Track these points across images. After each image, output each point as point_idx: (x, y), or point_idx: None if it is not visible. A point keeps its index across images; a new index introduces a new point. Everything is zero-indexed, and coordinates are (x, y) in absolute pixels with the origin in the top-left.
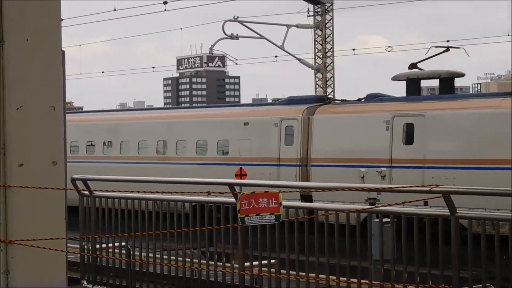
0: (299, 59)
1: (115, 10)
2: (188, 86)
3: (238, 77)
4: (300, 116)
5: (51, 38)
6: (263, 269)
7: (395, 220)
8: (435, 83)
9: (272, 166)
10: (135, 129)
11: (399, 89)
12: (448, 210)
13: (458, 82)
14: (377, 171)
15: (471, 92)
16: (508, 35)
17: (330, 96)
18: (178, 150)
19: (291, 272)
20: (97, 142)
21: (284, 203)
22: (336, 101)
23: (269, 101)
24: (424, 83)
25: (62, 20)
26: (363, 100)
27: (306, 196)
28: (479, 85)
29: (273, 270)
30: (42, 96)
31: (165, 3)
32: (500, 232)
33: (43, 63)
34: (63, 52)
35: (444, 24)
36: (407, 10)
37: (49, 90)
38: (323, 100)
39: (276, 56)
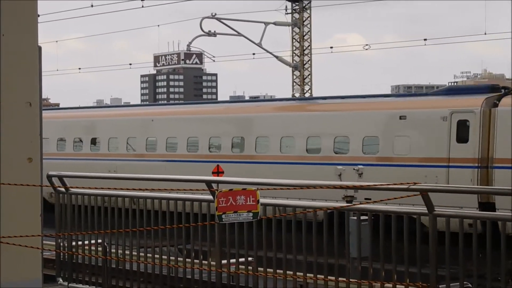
0: (276, 57)
1: (92, 6)
2: (165, 83)
3: (216, 74)
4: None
5: (28, 34)
6: (240, 266)
7: (372, 218)
8: None
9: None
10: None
11: (380, 88)
12: (426, 208)
13: (434, 80)
14: (354, 169)
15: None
16: (485, 34)
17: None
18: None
19: (268, 270)
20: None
21: (262, 200)
22: None
23: (247, 98)
24: None
25: (38, 16)
26: None
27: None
28: (455, 83)
29: (250, 268)
30: (18, 92)
31: None
32: (478, 230)
33: (19, 58)
34: (40, 48)
35: (421, 23)
36: (384, 9)
37: (25, 86)
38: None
39: (253, 54)
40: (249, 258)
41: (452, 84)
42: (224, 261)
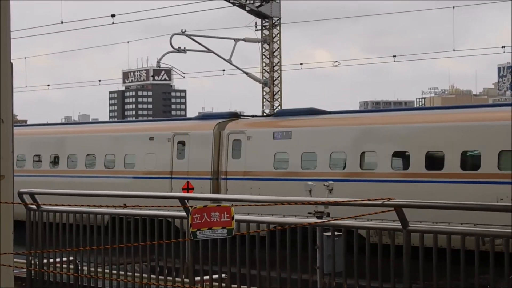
0: (246, 73)
1: (62, 22)
2: (134, 100)
3: (185, 91)
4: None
5: (1, 51)
6: (213, 283)
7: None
8: None
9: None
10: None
11: (342, 104)
12: (400, 224)
13: (402, 96)
14: (324, 184)
15: (415, 106)
16: (453, 50)
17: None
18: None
19: (242, 286)
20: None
21: (236, 217)
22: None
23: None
24: None
25: None
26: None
27: None
28: (423, 99)
29: (224, 284)
30: None
31: (113, 15)
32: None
33: None
34: (11, 65)
35: (389, 39)
36: (351, 25)
37: None
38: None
39: (223, 70)
40: (223, 275)
41: (420, 99)
42: (197, 278)
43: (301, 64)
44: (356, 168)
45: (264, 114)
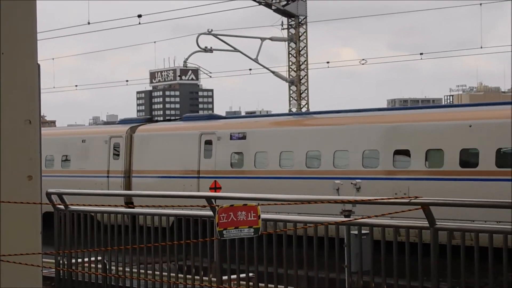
0: (273, 72)
1: (89, 23)
2: (161, 100)
3: (212, 90)
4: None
5: (27, 52)
6: (241, 282)
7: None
8: None
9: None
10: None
11: (372, 102)
12: (427, 222)
13: (430, 93)
14: (351, 183)
15: (443, 103)
16: (481, 47)
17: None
18: None
19: (269, 285)
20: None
21: (263, 216)
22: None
23: (243, 113)
24: None
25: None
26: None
27: None
28: (451, 96)
29: (251, 283)
30: (18, 110)
31: (139, 16)
32: (480, 243)
33: (19, 77)
34: (38, 66)
35: (416, 36)
36: (376, 23)
37: (25, 104)
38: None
39: (250, 69)
40: (250, 274)
41: (448, 97)
42: (225, 277)
43: (327, 62)
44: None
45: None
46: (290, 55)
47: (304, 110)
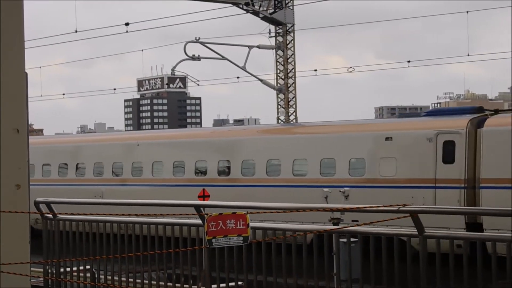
0: (261, 80)
1: (76, 31)
2: (149, 108)
3: (200, 98)
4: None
5: (15, 60)
6: None
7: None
8: None
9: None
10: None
11: (359, 111)
12: (416, 230)
13: (417, 101)
14: (340, 191)
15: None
16: (468, 55)
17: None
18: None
19: None
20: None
21: (252, 224)
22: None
23: (231, 122)
24: None
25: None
26: None
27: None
28: (438, 104)
29: None
30: (6, 119)
31: (127, 24)
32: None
33: (7, 85)
34: (26, 74)
35: (402, 44)
36: (364, 31)
37: (13, 113)
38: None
39: (238, 77)
40: (239, 283)
41: (436, 104)
42: (214, 286)
43: (315, 70)
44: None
45: None
46: (278, 63)
47: (292, 118)
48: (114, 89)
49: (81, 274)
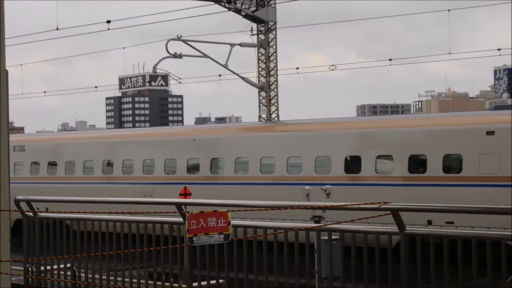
0: (243, 78)
1: (57, 29)
2: (131, 106)
3: (181, 96)
4: None
5: None
6: None
7: (343, 237)
8: None
9: None
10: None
11: (343, 110)
12: (397, 227)
13: (399, 99)
14: (321, 189)
15: (412, 109)
16: (449, 53)
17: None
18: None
19: None
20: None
21: (233, 222)
22: None
23: (212, 120)
24: None
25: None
26: None
27: None
28: (420, 102)
29: None
30: None
31: (108, 22)
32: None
33: None
34: (7, 72)
35: (384, 43)
36: (346, 29)
37: None
38: None
39: (219, 75)
40: (220, 280)
41: (417, 102)
42: (195, 284)
43: (297, 68)
44: None
45: None
46: (260, 61)
47: (274, 116)
48: (96, 87)
49: (62, 272)
